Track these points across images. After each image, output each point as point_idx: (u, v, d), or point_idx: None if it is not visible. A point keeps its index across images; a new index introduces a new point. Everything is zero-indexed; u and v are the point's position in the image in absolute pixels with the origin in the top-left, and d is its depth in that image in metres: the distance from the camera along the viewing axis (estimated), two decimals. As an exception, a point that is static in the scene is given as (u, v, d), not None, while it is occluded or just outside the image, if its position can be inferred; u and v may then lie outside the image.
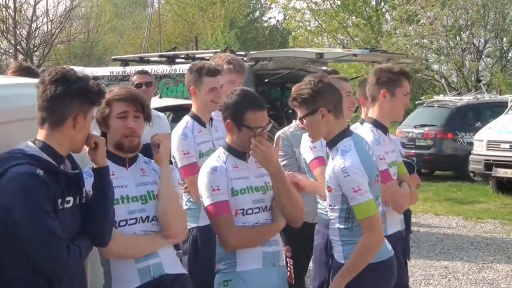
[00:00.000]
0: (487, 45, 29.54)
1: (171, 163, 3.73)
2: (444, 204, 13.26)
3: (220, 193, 3.64)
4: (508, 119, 14.71)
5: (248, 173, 3.74)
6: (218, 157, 3.76)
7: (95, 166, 3.21)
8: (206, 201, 3.66)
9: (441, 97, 19.75)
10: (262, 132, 3.68)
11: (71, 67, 3.23)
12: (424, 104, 19.16)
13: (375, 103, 4.48)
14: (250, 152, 3.69)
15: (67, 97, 2.99)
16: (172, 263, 3.58)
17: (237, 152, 3.73)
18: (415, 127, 17.36)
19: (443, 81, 27.18)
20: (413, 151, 16.33)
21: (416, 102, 21.42)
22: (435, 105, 18.09)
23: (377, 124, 4.46)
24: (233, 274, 3.69)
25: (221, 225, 3.64)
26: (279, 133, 5.29)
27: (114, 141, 3.50)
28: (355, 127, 5.27)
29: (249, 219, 3.71)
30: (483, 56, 29.77)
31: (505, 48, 30.48)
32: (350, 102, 5.01)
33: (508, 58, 30.72)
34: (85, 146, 3.19)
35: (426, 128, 17.17)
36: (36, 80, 3.20)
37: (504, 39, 30.11)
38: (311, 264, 5.02)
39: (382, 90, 4.42)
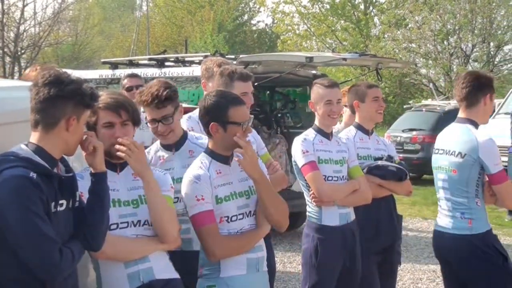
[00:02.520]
0: (475, 50, 29.65)
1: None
2: (432, 208, 13.26)
3: (204, 203, 3.60)
4: (495, 123, 14.76)
5: (232, 177, 3.70)
6: (202, 164, 3.70)
7: (92, 171, 3.19)
8: (191, 211, 3.62)
9: (429, 101, 19.82)
10: (248, 127, 3.65)
11: (64, 70, 3.22)
12: (413, 109, 19.31)
13: (473, 106, 4.53)
14: (236, 159, 3.64)
15: (60, 99, 2.98)
16: (163, 268, 3.53)
17: (220, 156, 3.69)
18: (403, 131, 17.47)
19: (431, 85, 27.30)
20: (401, 155, 16.27)
21: (405, 107, 21.57)
22: (423, 110, 18.21)
23: (476, 125, 4.55)
24: (217, 280, 3.66)
25: (206, 235, 3.60)
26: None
27: (104, 148, 3.38)
28: (349, 130, 5.28)
29: (234, 226, 3.67)
30: (470, 61, 29.89)
31: (492, 52, 30.62)
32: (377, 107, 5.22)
33: (495, 62, 30.87)
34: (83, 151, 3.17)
35: (414, 132, 17.28)
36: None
37: (491, 44, 30.25)
38: (300, 267, 5.02)
39: (488, 93, 4.52)
